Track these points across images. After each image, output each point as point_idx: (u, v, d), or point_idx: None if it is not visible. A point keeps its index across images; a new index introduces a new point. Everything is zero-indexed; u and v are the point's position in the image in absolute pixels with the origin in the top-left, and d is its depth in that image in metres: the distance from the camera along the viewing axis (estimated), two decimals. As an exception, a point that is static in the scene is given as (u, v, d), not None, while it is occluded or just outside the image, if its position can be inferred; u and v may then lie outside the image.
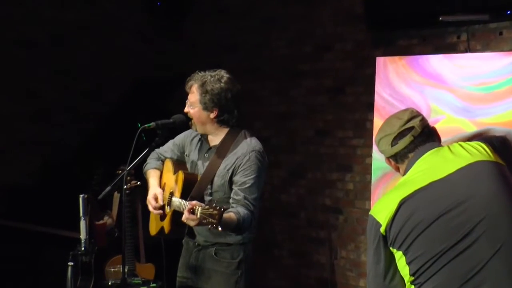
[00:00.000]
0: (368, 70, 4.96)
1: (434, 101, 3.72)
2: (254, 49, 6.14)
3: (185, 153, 3.63)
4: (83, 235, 3.46)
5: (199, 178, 3.48)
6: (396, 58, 3.96)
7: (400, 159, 2.60)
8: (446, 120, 3.66)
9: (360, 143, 5.32)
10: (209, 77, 3.43)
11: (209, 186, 3.44)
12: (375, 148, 3.96)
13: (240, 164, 3.36)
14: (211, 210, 2.96)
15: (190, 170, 3.57)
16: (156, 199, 3.49)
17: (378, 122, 3.92)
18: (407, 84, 3.83)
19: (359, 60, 5.28)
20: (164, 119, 3.46)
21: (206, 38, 6.49)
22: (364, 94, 5.17)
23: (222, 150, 3.43)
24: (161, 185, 3.63)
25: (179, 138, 3.69)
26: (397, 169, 2.65)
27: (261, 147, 3.44)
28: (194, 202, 3.11)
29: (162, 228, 3.54)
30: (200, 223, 3.02)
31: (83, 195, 3.51)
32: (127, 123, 4.02)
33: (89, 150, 5.93)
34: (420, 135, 2.58)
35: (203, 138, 3.55)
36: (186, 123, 3.51)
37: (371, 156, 4.24)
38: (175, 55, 6.49)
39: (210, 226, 2.97)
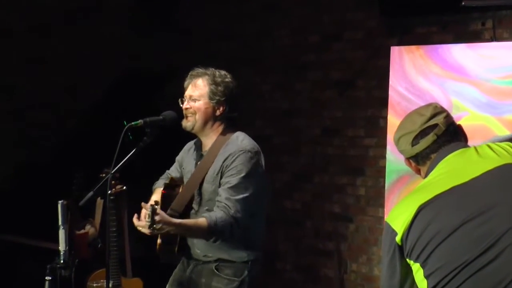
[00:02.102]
0: (381, 61, 4.95)
1: (455, 96, 3.72)
2: (254, 39, 6.13)
3: (182, 167, 3.69)
4: (62, 246, 3.45)
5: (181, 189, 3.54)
6: (413, 47, 3.97)
7: (421, 160, 2.59)
8: (469, 117, 3.66)
9: (372, 143, 5.31)
10: (216, 72, 3.52)
11: (197, 195, 3.47)
12: (389, 149, 3.97)
13: (227, 165, 3.40)
14: (149, 210, 3.11)
15: (186, 182, 3.61)
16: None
17: (392, 119, 3.93)
18: (425, 76, 3.83)
19: (372, 50, 5.27)
20: (153, 116, 3.46)
21: (201, 26, 6.48)
22: (377, 88, 5.17)
23: (212, 154, 3.48)
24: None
25: (180, 153, 3.77)
26: (418, 172, 2.64)
27: (254, 147, 3.46)
28: (148, 205, 3.20)
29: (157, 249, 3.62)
30: (149, 228, 3.15)
31: (62, 201, 3.50)
32: (111, 121, 4.02)
33: (69, 151, 5.93)
34: (444, 134, 2.56)
35: (197, 146, 3.60)
36: (177, 121, 3.51)
37: (385, 157, 4.24)
38: (166, 45, 6.48)
39: (150, 228, 3.12)
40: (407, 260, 2.46)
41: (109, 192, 3.56)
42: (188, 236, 3.47)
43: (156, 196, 3.65)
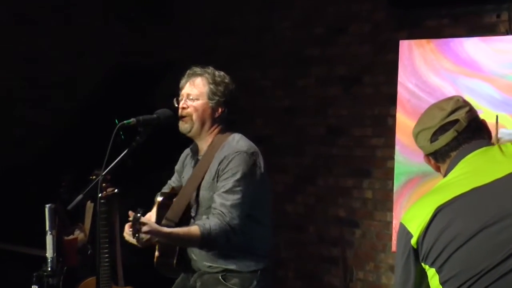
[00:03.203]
0: (389, 55, 4.94)
1: (468, 93, 3.71)
2: (254, 32, 6.13)
3: (182, 176, 3.69)
4: (49, 253, 3.45)
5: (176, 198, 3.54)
6: (424, 41, 3.96)
7: (441, 158, 2.57)
8: (483, 115, 3.64)
9: (380, 143, 5.31)
10: (215, 71, 3.53)
11: (194, 203, 3.47)
12: (398, 149, 3.96)
13: (222, 169, 3.39)
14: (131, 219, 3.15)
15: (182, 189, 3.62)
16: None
17: (401, 117, 3.92)
18: (436, 72, 3.82)
19: (379, 44, 5.27)
20: (147, 114, 3.45)
21: (198, 19, 6.48)
22: (385, 85, 5.16)
23: (207, 158, 3.47)
24: None
25: (178, 163, 3.78)
26: (438, 169, 2.62)
27: (251, 148, 3.45)
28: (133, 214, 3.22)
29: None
30: (133, 238, 3.19)
31: (49, 204, 3.50)
32: (102, 119, 4.01)
33: (58, 151, 5.92)
34: (466, 131, 2.54)
35: (193, 151, 3.60)
36: (172, 119, 3.50)
37: (393, 158, 4.24)
38: (161, 39, 6.48)
39: (135, 238, 3.16)
40: (423, 264, 2.45)
41: (100, 195, 3.55)
42: (180, 246, 3.46)
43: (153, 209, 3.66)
